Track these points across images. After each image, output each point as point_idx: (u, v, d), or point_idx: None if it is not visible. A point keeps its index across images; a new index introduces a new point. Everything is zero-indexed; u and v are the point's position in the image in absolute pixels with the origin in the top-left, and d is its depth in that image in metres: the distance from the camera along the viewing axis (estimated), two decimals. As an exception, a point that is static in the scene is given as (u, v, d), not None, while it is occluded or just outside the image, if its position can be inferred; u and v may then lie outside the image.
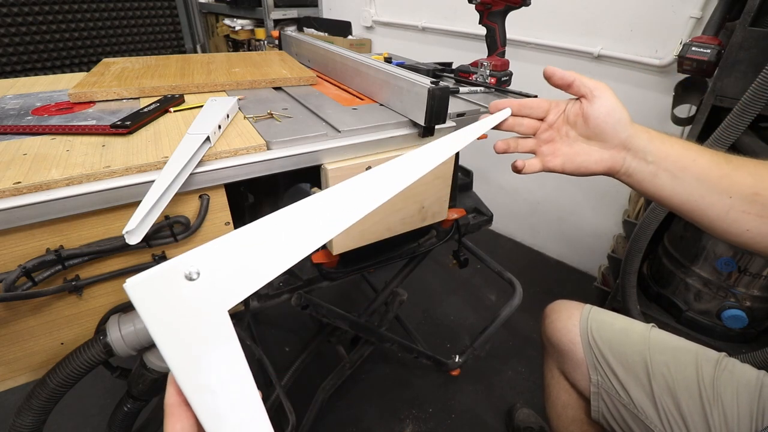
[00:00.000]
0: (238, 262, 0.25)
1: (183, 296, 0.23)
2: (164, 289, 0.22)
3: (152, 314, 0.22)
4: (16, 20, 2.02)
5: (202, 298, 0.23)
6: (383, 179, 0.35)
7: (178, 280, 0.22)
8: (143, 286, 0.21)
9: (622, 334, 0.68)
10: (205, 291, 0.23)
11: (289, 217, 0.28)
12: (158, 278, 0.22)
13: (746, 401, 0.56)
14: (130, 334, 0.51)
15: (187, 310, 0.23)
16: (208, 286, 0.23)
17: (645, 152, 0.47)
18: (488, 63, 0.85)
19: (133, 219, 0.41)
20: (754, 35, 0.84)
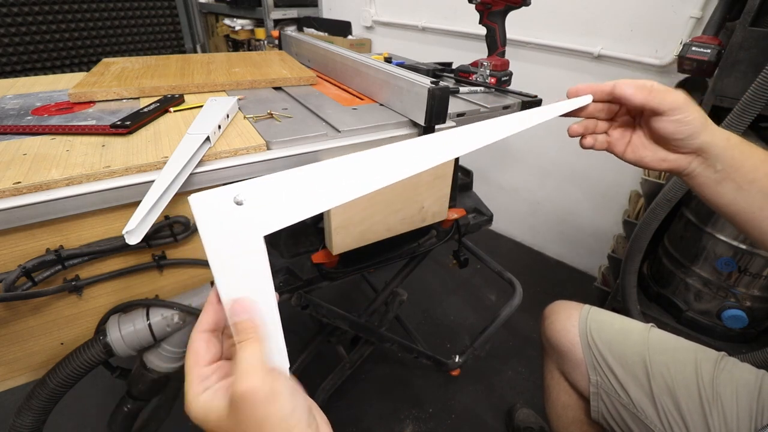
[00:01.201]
0: (276, 199, 0.30)
1: (230, 215, 0.28)
2: (217, 206, 0.27)
3: (205, 224, 0.27)
4: (16, 20, 2.02)
5: (244, 220, 0.28)
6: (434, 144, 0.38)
7: (228, 201, 0.28)
8: (201, 200, 0.27)
9: (622, 334, 0.68)
10: (247, 215, 0.28)
11: (324, 169, 0.32)
12: (213, 196, 0.27)
13: (745, 400, 0.56)
14: (130, 334, 0.52)
15: (232, 227, 0.28)
16: (249, 212, 0.29)
17: (716, 160, 0.45)
18: (488, 63, 0.85)
19: (133, 219, 0.41)
20: (754, 35, 0.84)
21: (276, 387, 0.26)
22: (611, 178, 1.52)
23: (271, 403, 0.26)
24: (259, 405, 0.26)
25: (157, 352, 0.56)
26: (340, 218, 0.59)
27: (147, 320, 0.52)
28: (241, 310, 0.29)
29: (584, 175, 1.60)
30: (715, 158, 0.45)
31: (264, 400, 0.26)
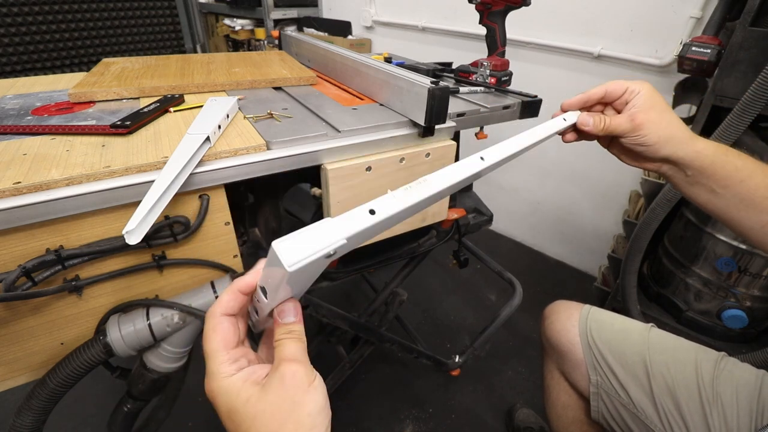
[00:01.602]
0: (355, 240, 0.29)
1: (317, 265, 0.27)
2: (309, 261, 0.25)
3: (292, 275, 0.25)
4: (16, 20, 2.02)
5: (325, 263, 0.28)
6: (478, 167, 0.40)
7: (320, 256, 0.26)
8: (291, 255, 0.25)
9: (622, 334, 0.68)
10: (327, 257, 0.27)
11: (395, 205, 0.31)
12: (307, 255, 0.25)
13: (746, 400, 0.56)
14: (130, 334, 0.52)
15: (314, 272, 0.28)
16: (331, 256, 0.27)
17: (686, 167, 0.50)
18: (488, 63, 0.85)
19: (133, 219, 0.41)
20: (754, 35, 0.84)
21: (316, 382, 0.28)
22: (611, 178, 1.52)
23: (308, 392, 0.27)
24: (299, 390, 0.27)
25: (157, 352, 0.56)
26: (340, 218, 0.59)
27: (147, 320, 0.52)
28: (290, 312, 0.30)
29: (584, 175, 1.60)
30: (684, 166, 0.50)
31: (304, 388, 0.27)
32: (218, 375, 0.29)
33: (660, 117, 0.49)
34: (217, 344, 0.30)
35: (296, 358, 0.28)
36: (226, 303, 0.31)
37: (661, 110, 0.50)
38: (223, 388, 0.28)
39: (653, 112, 0.49)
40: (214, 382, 0.29)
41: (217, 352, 0.29)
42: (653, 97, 0.50)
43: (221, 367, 0.29)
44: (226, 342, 0.30)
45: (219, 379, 0.28)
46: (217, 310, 0.31)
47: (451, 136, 0.67)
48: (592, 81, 1.43)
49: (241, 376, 0.28)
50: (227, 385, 0.28)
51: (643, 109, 0.50)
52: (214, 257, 0.58)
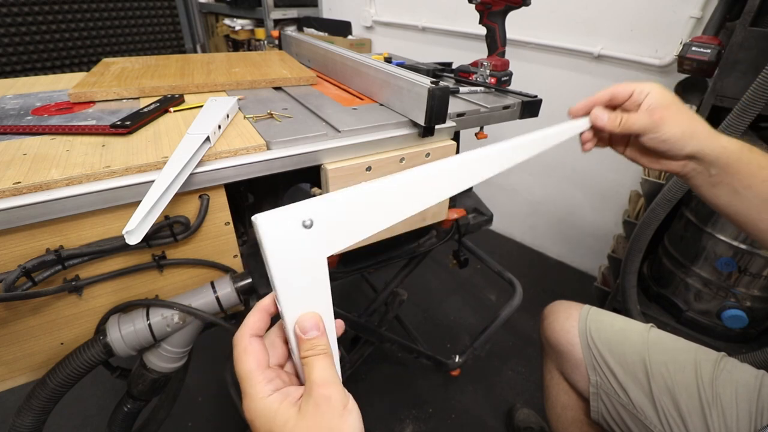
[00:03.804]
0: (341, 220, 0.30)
1: (298, 238, 0.28)
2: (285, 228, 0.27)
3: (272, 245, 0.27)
4: (16, 20, 2.02)
5: (311, 242, 0.28)
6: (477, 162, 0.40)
7: (296, 224, 0.28)
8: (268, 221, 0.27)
9: (621, 334, 0.68)
10: (314, 237, 0.28)
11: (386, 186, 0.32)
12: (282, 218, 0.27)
13: (745, 401, 0.56)
14: (130, 334, 0.52)
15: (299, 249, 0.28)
16: (316, 235, 0.28)
17: (710, 166, 0.47)
18: (488, 63, 0.85)
19: (133, 219, 0.41)
20: (754, 35, 0.84)
21: (350, 405, 0.28)
22: (611, 178, 1.52)
23: (344, 417, 0.27)
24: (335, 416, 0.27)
25: (157, 352, 0.56)
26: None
27: (147, 320, 0.52)
28: (312, 325, 0.29)
29: (584, 175, 1.60)
30: (708, 164, 0.47)
31: (339, 412, 0.27)
32: (255, 396, 0.28)
33: (680, 112, 0.47)
34: (250, 365, 0.29)
35: (326, 381, 0.28)
36: (253, 324, 0.31)
37: (680, 106, 0.47)
38: (260, 409, 0.28)
39: (673, 107, 0.47)
40: (251, 403, 0.28)
41: (252, 372, 0.29)
42: (667, 95, 0.48)
43: (257, 388, 0.28)
44: (258, 362, 0.29)
45: (256, 400, 0.28)
46: (246, 332, 0.31)
47: (451, 136, 0.67)
48: (593, 81, 1.43)
49: (277, 398, 0.28)
50: (264, 406, 0.28)
51: (661, 106, 0.46)
52: (214, 257, 0.58)
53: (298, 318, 0.29)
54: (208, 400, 1.16)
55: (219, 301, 0.56)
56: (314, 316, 0.30)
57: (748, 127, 0.85)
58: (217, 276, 0.60)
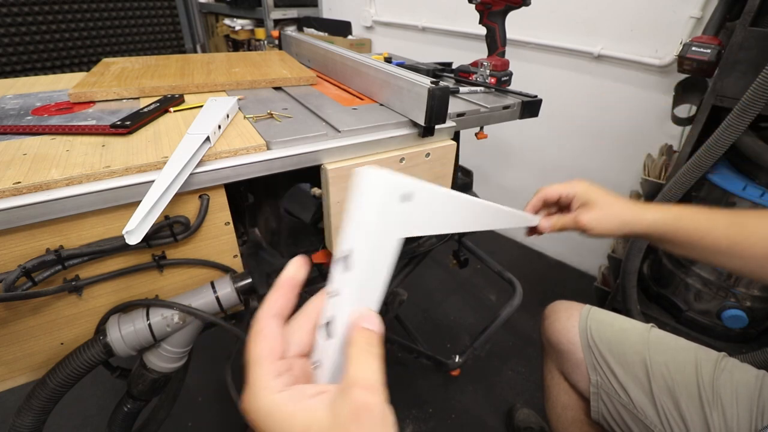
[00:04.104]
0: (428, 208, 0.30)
1: (390, 204, 0.27)
2: (386, 189, 0.26)
3: (360, 198, 0.26)
4: (16, 20, 2.02)
5: (399, 216, 0.27)
6: None
7: (397, 192, 0.27)
8: (371, 177, 0.25)
9: (622, 334, 0.68)
10: (403, 213, 0.28)
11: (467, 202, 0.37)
12: (385, 181, 0.26)
13: (746, 401, 0.56)
14: (130, 334, 0.52)
15: (386, 216, 0.27)
16: (406, 212, 0.28)
17: (646, 235, 0.54)
18: (488, 63, 0.85)
19: (133, 219, 0.41)
20: (754, 35, 0.84)
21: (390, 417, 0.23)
22: (611, 179, 1.52)
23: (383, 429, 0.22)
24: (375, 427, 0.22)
25: (157, 352, 0.56)
26: (340, 218, 0.59)
27: (147, 320, 0.52)
28: (375, 319, 0.26)
29: (584, 175, 1.60)
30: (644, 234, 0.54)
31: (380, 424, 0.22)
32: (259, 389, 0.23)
33: (605, 213, 0.54)
34: (261, 350, 0.25)
35: (375, 387, 0.22)
36: (275, 302, 0.27)
37: (604, 205, 0.54)
38: (266, 407, 0.23)
39: (595, 210, 0.54)
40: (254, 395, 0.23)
41: (261, 359, 0.24)
42: (591, 197, 0.55)
43: (265, 381, 0.23)
44: (271, 349, 0.25)
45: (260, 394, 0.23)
46: (265, 312, 0.26)
47: (451, 136, 0.67)
48: (593, 81, 1.43)
49: (292, 395, 0.23)
50: (270, 404, 0.23)
51: (584, 210, 0.55)
52: (214, 257, 0.58)
53: (361, 308, 0.26)
54: (208, 400, 1.16)
55: (219, 301, 0.56)
56: (375, 313, 0.26)
57: (748, 127, 0.85)
58: (217, 276, 0.60)
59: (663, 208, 0.54)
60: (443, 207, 0.32)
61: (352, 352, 0.24)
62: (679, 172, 0.97)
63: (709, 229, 0.50)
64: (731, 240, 0.49)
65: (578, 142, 1.55)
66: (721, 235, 0.50)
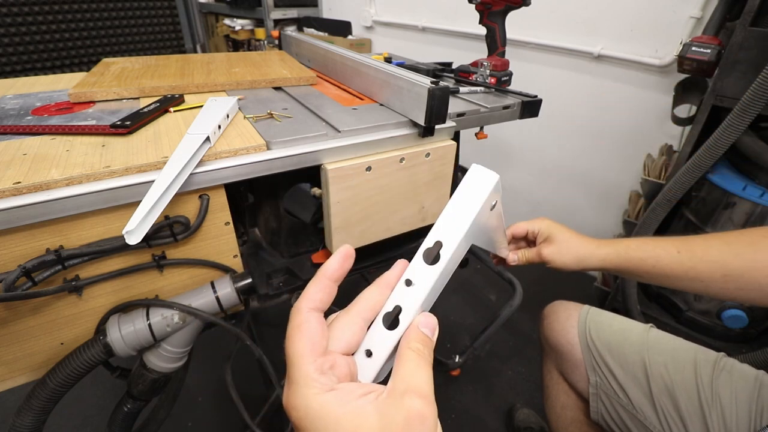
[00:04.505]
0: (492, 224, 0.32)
1: (485, 207, 0.27)
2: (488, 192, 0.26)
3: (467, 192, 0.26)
4: (16, 20, 2.02)
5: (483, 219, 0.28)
6: None
7: (492, 197, 0.27)
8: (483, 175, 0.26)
9: (621, 334, 0.68)
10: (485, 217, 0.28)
11: None
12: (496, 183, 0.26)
13: (745, 401, 0.56)
14: (130, 334, 0.52)
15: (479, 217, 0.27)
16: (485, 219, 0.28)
17: (602, 268, 0.58)
18: (488, 63, 0.85)
19: (133, 219, 0.41)
20: (754, 35, 0.84)
21: (438, 426, 0.22)
22: (611, 179, 1.52)
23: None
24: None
25: (157, 352, 0.56)
26: (340, 218, 0.59)
27: (147, 320, 0.52)
28: (432, 325, 0.25)
29: (584, 175, 1.60)
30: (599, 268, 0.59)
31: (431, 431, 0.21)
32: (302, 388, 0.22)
33: (563, 247, 0.59)
34: (302, 347, 0.23)
35: (427, 394, 0.22)
36: (313, 295, 0.25)
37: (562, 240, 0.60)
38: (311, 408, 0.22)
39: (555, 244, 0.60)
40: (299, 398, 0.22)
41: (303, 356, 0.23)
42: (552, 232, 0.61)
43: (309, 379, 0.22)
44: (313, 344, 0.24)
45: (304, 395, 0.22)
46: (304, 305, 0.25)
47: (451, 136, 0.67)
48: (593, 81, 1.43)
49: (338, 397, 0.22)
50: (316, 406, 0.22)
51: (545, 245, 0.61)
52: (214, 257, 0.58)
53: (426, 313, 0.25)
54: (208, 400, 1.16)
55: (219, 301, 0.56)
56: (435, 320, 0.26)
57: (748, 127, 0.85)
58: (217, 276, 0.60)
59: (614, 242, 0.58)
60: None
61: (409, 355, 0.23)
62: (679, 172, 0.97)
63: (657, 256, 0.53)
64: (684, 266, 0.52)
65: (578, 142, 1.55)
66: (671, 261, 0.52)
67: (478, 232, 0.28)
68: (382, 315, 0.26)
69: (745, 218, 0.99)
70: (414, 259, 0.27)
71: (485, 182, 0.26)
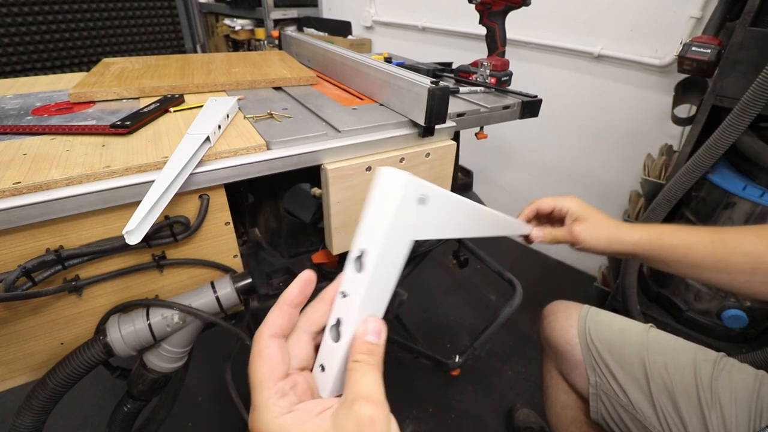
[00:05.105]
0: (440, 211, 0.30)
1: (408, 207, 0.26)
2: (404, 191, 0.26)
3: (379, 197, 0.26)
4: (16, 20, 2.02)
5: (413, 218, 0.27)
6: None
7: (415, 193, 0.27)
8: (391, 178, 0.25)
9: (620, 334, 0.68)
10: (417, 216, 0.27)
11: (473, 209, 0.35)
12: (404, 181, 0.25)
13: (744, 401, 0.56)
14: (130, 334, 0.52)
15: (402, 217, 0.26)
16: (420, 214, 0.28)
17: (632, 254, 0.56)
18: (488, 63, 0.85)
19: (133, 219, 0.41)
20: (754, 35, 0.84)
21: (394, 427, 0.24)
22: (611, 178, 1.52)
23: None
24: None
25: (157, 352, 0.56)
26: (340, 218, 0.59)
27: (147, 320, 0.52)
28: (376, 330, 0.26)
29: (584, 175, 1.60)
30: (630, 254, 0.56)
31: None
32: (264, 413, 0.24)
33: (595, 227, 0.56)
34: (262, 374, 0.25)
35: (375, 399, 0.23)
36: (273, 322, 0.27)
37: (595, 221, 0.57)
38: (269, 428, 0.23)
39: (588, 224, 0.56)
40: (259, 420, 0.24)
41: (262, 383, 0.25)
42: (584, 212, 0.57)
43: (267, 403, 0.24)
44: (272, 370, 0.25)
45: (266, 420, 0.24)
46: (264, 332, 0.27)
47: (451, 136, 0.67)
48: (593, 81, 1.43)
49: (297, 418, 0.24)
50: (278, 427, 0.23)
51: (578, 224, 0.57)
52: (214, 257, 0.58)
53: (367, 318, 0.26)
54: (208, 400, 1.16)
55: (219, 301, 0.56)
56: (380, 322, 0.26)
57: (748, 127, 0.85)
58: (217, 276, 0.60)
59: (647, 227, 0.56)
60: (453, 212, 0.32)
61: (354, 367, 0.25)
62: (679, 172, 0.97)
63: (691, 245, 0.52)
64: (716, 256, 0.50)
65: (578, 142, 1.55)
66: (704, 251, 0.51)
67: (421, 226, 0.28)
68: (328, 329, 0.27)
69: (745, 218, 0.99)
70: (344, 269, 0.27)
71: (394, 183, 0.25)
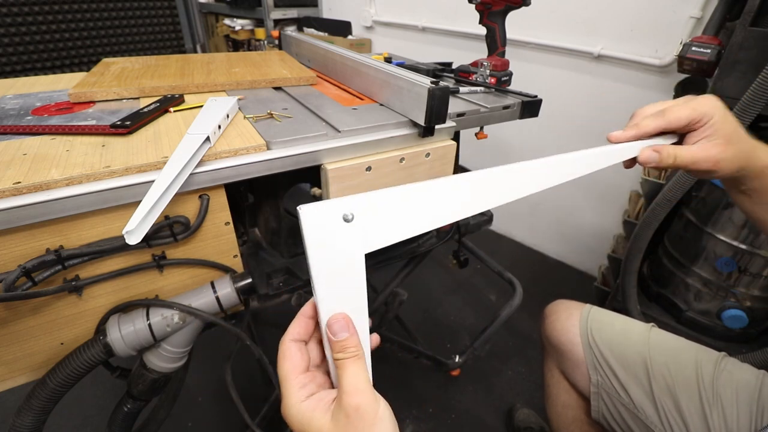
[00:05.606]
0: (381, 218, 0.30)
1: (338, 231, 0.29)
2: (326, 220, 0.28)
3: (313, 237, 0.28)
4: (16, 20, 2.02)
5: (350, 237, 0.29)
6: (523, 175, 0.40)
7: (337, 217, 0.28)
8: (311, 213, 0.27)
9: (622, 334, 0.68)
10: (353, 233, 0.29)
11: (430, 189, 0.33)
12: (324, 210, 0.28)
13: (746, 401, 0.56)
14: (130, 334, 0.52)
15: (338, 244, 0.29)
16: (356, 230, 0.29)
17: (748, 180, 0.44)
18: (488, 63, 0.85)
19: (133, 219, 0.41)
20: (754, 35, 0.84)
21: (381, 411, 0.28)
22: (611, 178, 1.52)
23: (375, 425, 0.27)
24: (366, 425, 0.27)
25: (157, 352, 0.56)
26: (340, 218, 0.59)
27: (147, 320, 0.52)
28: (342, 327, 0.30)
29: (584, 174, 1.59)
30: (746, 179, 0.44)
31: (370, 421, 0.27)
32: (288, 399, 0.30)
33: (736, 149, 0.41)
34: (286, 370, 0.31)
35: (355, 389, 0.28)
36: (292, 329, 0.33)
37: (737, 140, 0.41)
38: (295, 414, 0.29)
39: (730, 145, 0.41)
40: (286, 407, 0.30)
41: (286, 377, 0.31)
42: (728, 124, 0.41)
43: (291, 393, 0.30)
44: (294, 367, 0.31)
45: (290, 404, 0.30)
46: (286, 337, 0.33)
47: (451, 136, 0.67)
48: (593, 81, 1.43)
49: (310, 405, 0.29)
50: (298, 412, 0.29)
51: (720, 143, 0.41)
52: (214, 257, 0.58)
53: (327, 319, 0.30)
54: (208, 400, 1.16)
55: (219, 301, 0.56)
56: (343, 316, 0.30)
57: (748, 127, 0.85)
58: (217, 276, 0.60)
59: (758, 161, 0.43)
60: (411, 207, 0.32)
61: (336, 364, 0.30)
62: (679, 172, 0.97)
63: None
64: None
65: (578, 142, 1.55)
66: None
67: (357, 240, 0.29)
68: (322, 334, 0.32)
69: (745, 218, 0.99)
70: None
71: (304, 219, 0.27)
